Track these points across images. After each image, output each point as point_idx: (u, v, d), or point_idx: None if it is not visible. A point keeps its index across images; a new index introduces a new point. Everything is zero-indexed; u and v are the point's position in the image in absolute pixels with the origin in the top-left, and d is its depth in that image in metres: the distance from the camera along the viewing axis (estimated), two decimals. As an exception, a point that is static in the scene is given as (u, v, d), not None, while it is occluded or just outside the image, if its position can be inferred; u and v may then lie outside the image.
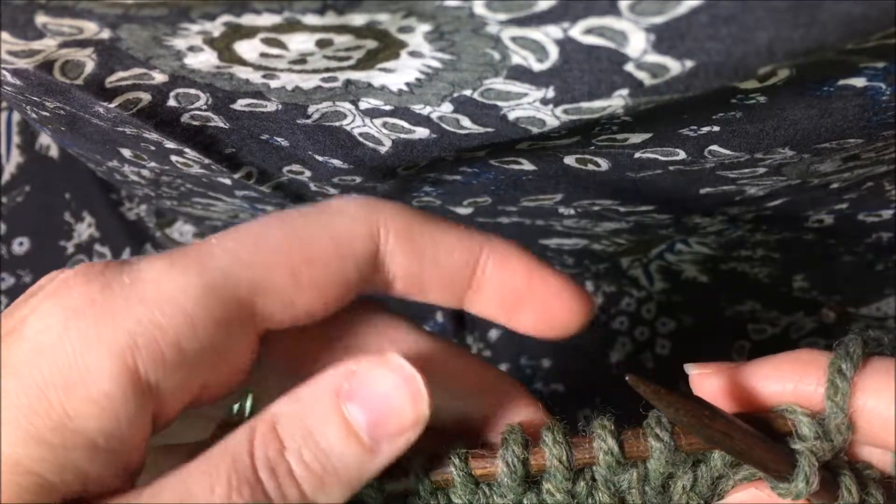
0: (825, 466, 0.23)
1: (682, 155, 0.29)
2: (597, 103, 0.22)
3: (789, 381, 0.23)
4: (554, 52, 0.20)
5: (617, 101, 0.22)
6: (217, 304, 0.21)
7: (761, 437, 0.22)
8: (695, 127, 0.27)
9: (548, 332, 0.25)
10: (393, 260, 0.23)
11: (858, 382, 0.22)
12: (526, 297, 0.24)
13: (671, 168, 0.30)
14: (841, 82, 0.23)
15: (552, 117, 0.23)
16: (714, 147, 0.28)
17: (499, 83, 0.22)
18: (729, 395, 0.24)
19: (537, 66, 0.21)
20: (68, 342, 0.20)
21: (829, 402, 0.22)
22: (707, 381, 0.24)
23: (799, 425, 0.23)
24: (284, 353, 0.24)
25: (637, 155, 0.29)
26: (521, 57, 0.21)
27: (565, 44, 0.20)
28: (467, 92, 0.23)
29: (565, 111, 0.23)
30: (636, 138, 0.28)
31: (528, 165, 0.32)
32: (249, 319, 0.22)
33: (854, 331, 0.23)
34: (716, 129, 0.27)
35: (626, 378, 0.21)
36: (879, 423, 0.22)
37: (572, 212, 0.39)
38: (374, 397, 0.21)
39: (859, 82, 0.23)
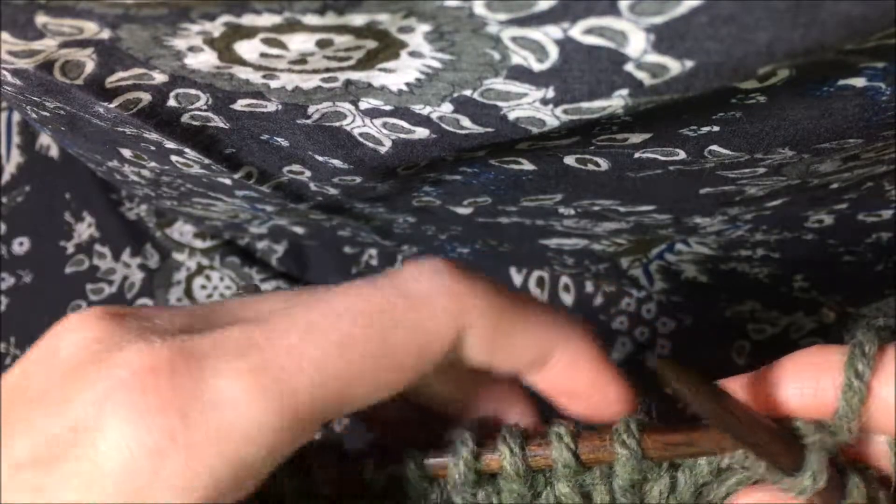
0: (831, 464, 0.23)
1: (682, 155, 0.29)
2: (597, 103, 0.22)
3: (808, 386, 0.23)
4: (554, 52, 0.20)
5: (617, 101, 0.22)
6: (296, 429, 0.20)
7: (778, 430, 0.22)
8: (695, 127, 0.27)
9: (585, 420, 0.25)
10: (469, 351, 0.23)
11: (875, 375, 0.22)
12: (578, 397, 0.24)
13: (671, 168, 0.30)
14: (841, 82, 0.23)
15: (552, 117, 0.23)
16: (714, 147, 0.28)
17: (499, 83, 0.22)
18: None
19: (537, 66, 0.21)
20: (158, 491, 0.19)
21: (843, 404, 0.22)
22: None
23: (804, 427, 0.23)
24: None
25: (637, 155, 0.29)
26: (521, 57, 0.21)
27: (565, 44, 0.20)
28: (467, 92, 0.23)
29: (565, 111, 0.23)
30: (636, 138, 0.28)
31: (528, 165, 0.32)
32: (320, 424, 0.21)
33: (864, 324, 0.23)
34: (716, 129, 0.27)
35: (657, 361, 0.21)
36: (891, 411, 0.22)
37: (572, 212, 0.39)
38: None
39: (859, 82, 0.23)
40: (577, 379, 0.24)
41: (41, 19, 0.21)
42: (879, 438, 0.23)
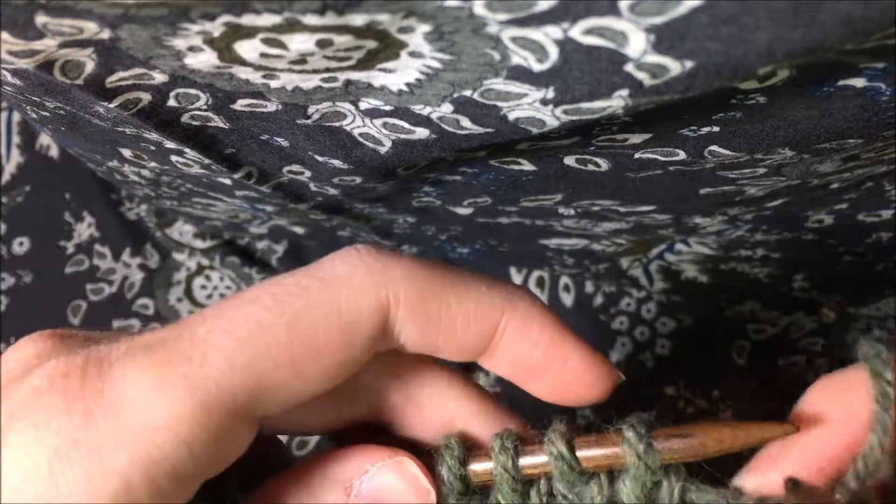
0: None
1: (681, 155, 0.29)
2: (597, 104, 0.22)
3: (840, 407, 0.21)
4: (554, 53, 0.20)
5: (617, 102, 0.22)
6: (213, 420, 0.19)
7: None
8: (695, 127, 0.27)
9: (560, 402, 0.23)
10: (403, 329, 0.21)
11: None
12: (541, 370, 0.23)
13: (671, 168, 0.30)
14: (841, 83, 0.23)
15: (552, 118, 0.23)
16: (714, 147, 0.28)
17: (499, 83, 0.22)
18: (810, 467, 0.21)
19: (537, 67, 0.21)
20: (62, 495, 0.18)
21: (883, 415, 0.21)
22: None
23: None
24: None
25: (637, 155, 0.29)
26: (521, 57, 0.21)
27: (565, 44, 0.20)
28: (467, 92, 0.23)
29: (565, 111, 0.23)
30: (636, 139, 0.28)
31: (528, 166, 0.32)
32: (246, 419, 0.20)
33: (869, 336, 0.22)
34: (716, 129, 0.27)
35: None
36: None
37: (572, 212, 0.39)
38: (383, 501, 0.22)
39: (859, 83, 0.23)
40: (532, 347, 0.22)
41: (41, 19, 0.21)
42: None
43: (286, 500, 0.22)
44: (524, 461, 0.22)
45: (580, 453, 0.22)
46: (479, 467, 0.23)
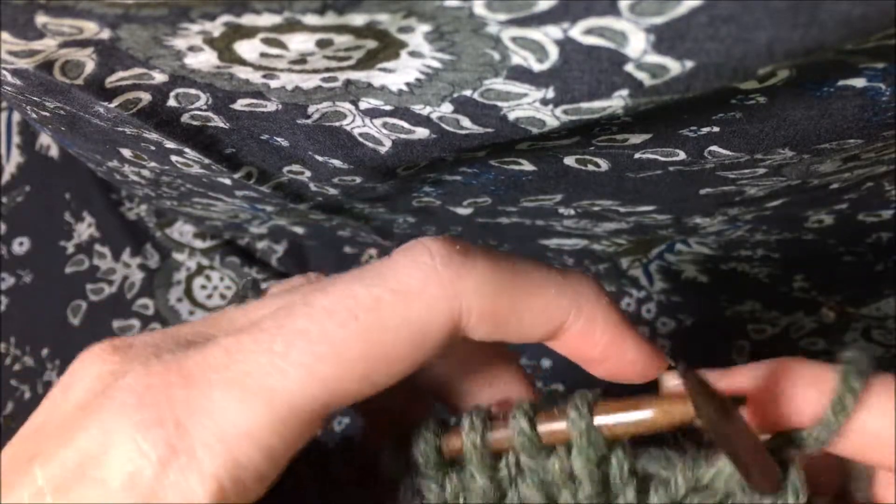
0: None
1: (681, 155, 0.29)
2: (597, 104, 0.22)
3: (798, 394, 0.22)
4: (554, 53, 0.20)
5: (617, 102, 0.22)
6: (292, 428, 0.21)
7: (764, 451, 0.22)
8: (694, 127, 0.27)
9: (612, 380, 0.25)
10: (472, 333, 0.22)
11: (862, 400, 0.22)
12: (597, 363, 0.24)
13: (671, 168, 0.30)
14: (841, 83, 0.23)
15: (552, 118, 0.23)
16: (714, 147, 0.28)
17: (499, 83, 0.22)
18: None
19: (537, 67, 0.21)
20: (167, 498, 0.19)
21: (829, 416, 0.22)
22: None
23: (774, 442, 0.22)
24: None
25: (637, 155, 0.29)
26: (521, 57, 0.21)
27: (565, 44, 0.20)
28: (467, 92, 0.23)
29: (565, 111, 0.23)
30: (636, 139, 0.28)
31: (528, 166, 0.32)
32: (318, 422, 0.21)
33: (856, 347, 0.23)
34: (716, 129, 0.27)
35: (678, 367, 0.21)
36: (876, 443, 0.22)
37: (572, 212, 0.39)
38: None
39: (859, 83, 0.23)
40: (592, 346, 0.23)
41: (41, 19, 0.21)
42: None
43: None
44: (493, 436, 0.23)
45: (541, 428, 0.23)
46: (452, 442, 0.24)
